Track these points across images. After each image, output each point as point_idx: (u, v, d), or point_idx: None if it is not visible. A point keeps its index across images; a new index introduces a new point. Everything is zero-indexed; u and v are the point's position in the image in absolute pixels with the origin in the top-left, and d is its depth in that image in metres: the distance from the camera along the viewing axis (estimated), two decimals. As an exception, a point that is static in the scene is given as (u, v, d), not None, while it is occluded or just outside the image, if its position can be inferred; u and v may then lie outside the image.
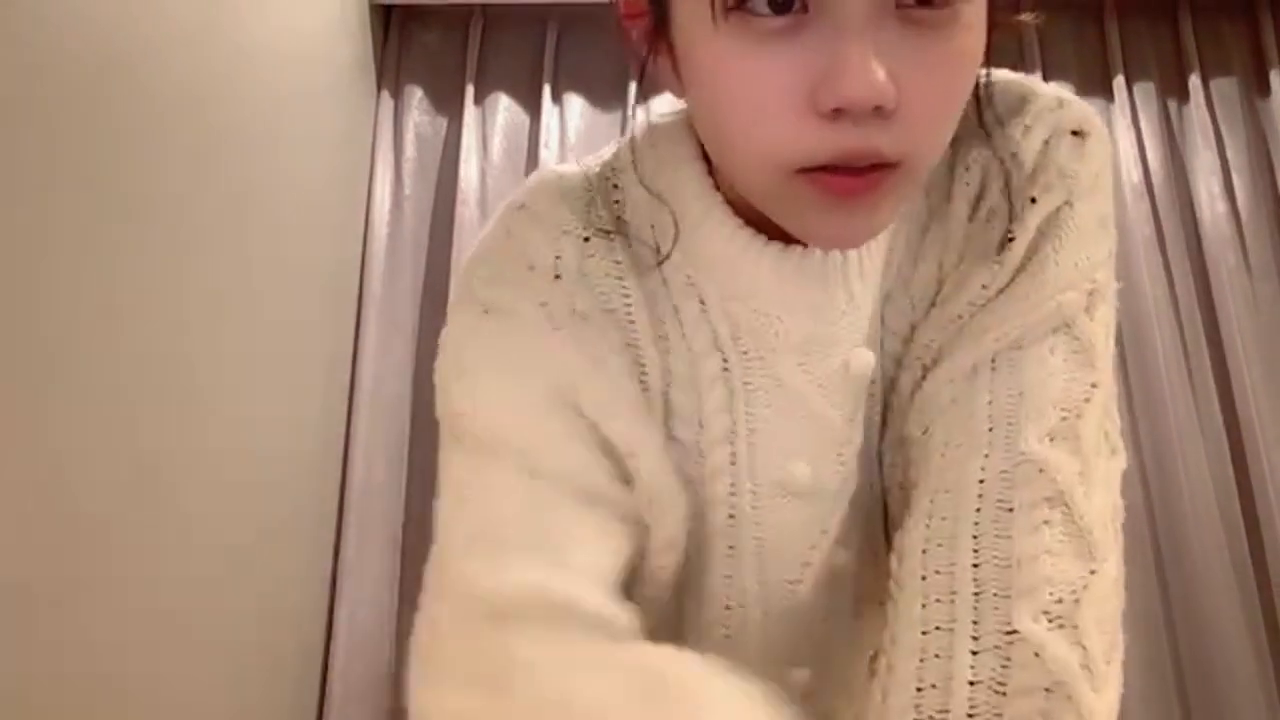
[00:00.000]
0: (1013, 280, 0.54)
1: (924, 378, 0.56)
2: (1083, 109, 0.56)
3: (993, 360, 0.53)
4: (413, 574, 1.74)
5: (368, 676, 1.66)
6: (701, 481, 0.58)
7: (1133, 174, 1.89)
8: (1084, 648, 0.44)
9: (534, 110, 1.97)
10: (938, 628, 0.47)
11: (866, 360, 0.57)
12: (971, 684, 0.44)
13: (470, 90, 1.95)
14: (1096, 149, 0.55)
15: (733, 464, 0.58)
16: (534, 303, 0.54)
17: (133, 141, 1.11)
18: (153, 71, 1.15)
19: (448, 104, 1.99)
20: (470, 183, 1.89)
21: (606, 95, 1.98)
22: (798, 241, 0.53)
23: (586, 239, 0.56)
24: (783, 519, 0.59)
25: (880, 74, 0.40)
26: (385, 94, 1.95)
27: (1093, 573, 0.47)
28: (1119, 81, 1.94)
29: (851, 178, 0.44)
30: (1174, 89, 1.97)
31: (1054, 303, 0.53)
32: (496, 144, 1.95)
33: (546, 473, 0.50)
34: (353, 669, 1.66)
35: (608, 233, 0.56)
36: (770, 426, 0.57)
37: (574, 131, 1.95)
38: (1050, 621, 0.45)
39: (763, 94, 0.43)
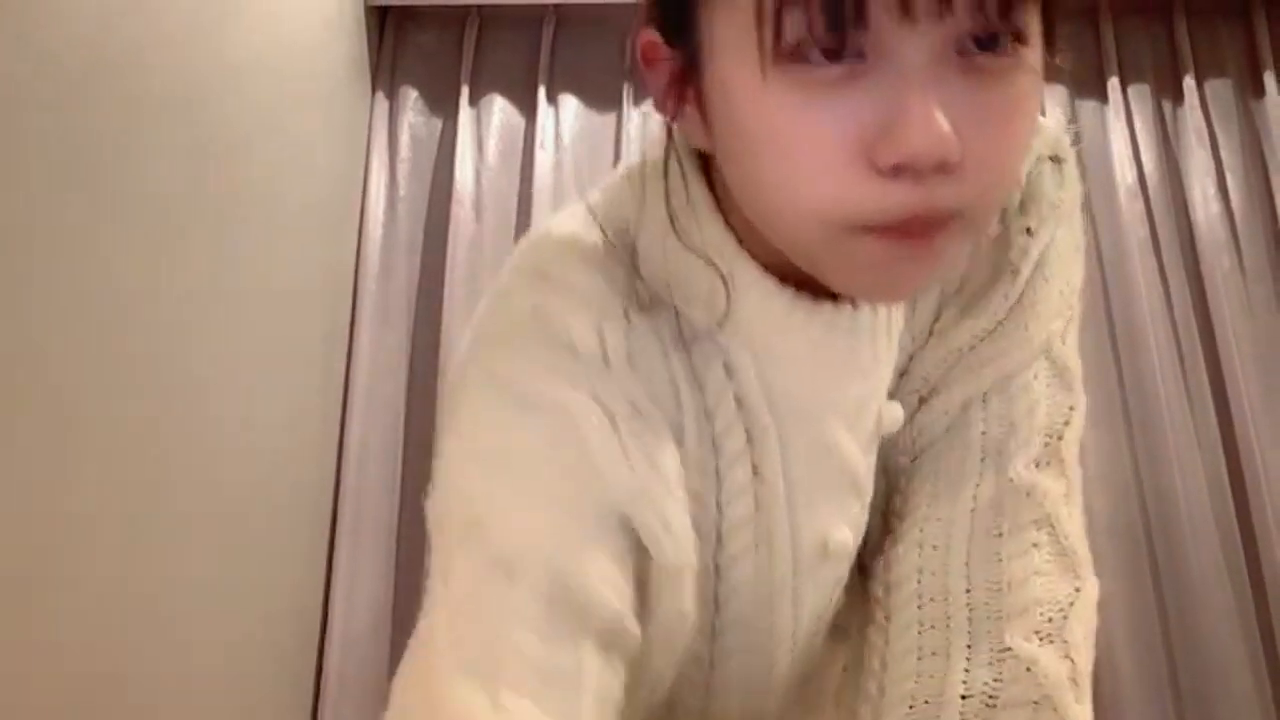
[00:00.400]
0: (1010, 312, 0.55)
1: (919, 408, 0.57)
2: (1055, 132, 0.57)
3: (985, 390, 0.55)
4: (407, 573, 1.74)
5: (362, 675, 1.67)
6: (715, 573, 0.54)
7: (1127, 176, 1.89)
8: (1073, 661, 0.46)
9: (529, 111, 1.97)
10: (934, 653, 0.48)
11: (897, 415, 0.56)
12: (963, 698, 0.46)
13: (465, 91, 1.95)
14: (1071, 173, 0.56)
15: (756, 548, 0.54)
16: (585, 396, 0.46)
17: (127, 142, 1.11)
18: (149, 72, 1.15)
19: (443, 105, 1.99)
20: (465, 184, 1.90)
21: (601, 96, 1.98)
22: (828, 294, 0.49)
23: (628, 317, 0.49)
24: (818, 586, 0.57)
25: (945, 127, 0.37)
26: (380, 95, 1.95)
27: (1077, 590, 0.49)
28: (1113, 83, 1.94)
29: (911, 237, 0.41)
30: (1168, 91, 1.97)
31: (1046, 332, 0.54)
32: (491, 145, 1.95)
33: (574, 605, 0.42)
34: (348, 667, 1.66)
35: (644, 306, 0.50)
36: (809, 496, 0.54)
37: (569, 133, 1.96)
38: (1041, 639, 0.46)
39: (816, 149, 0.39)
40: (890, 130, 0.38)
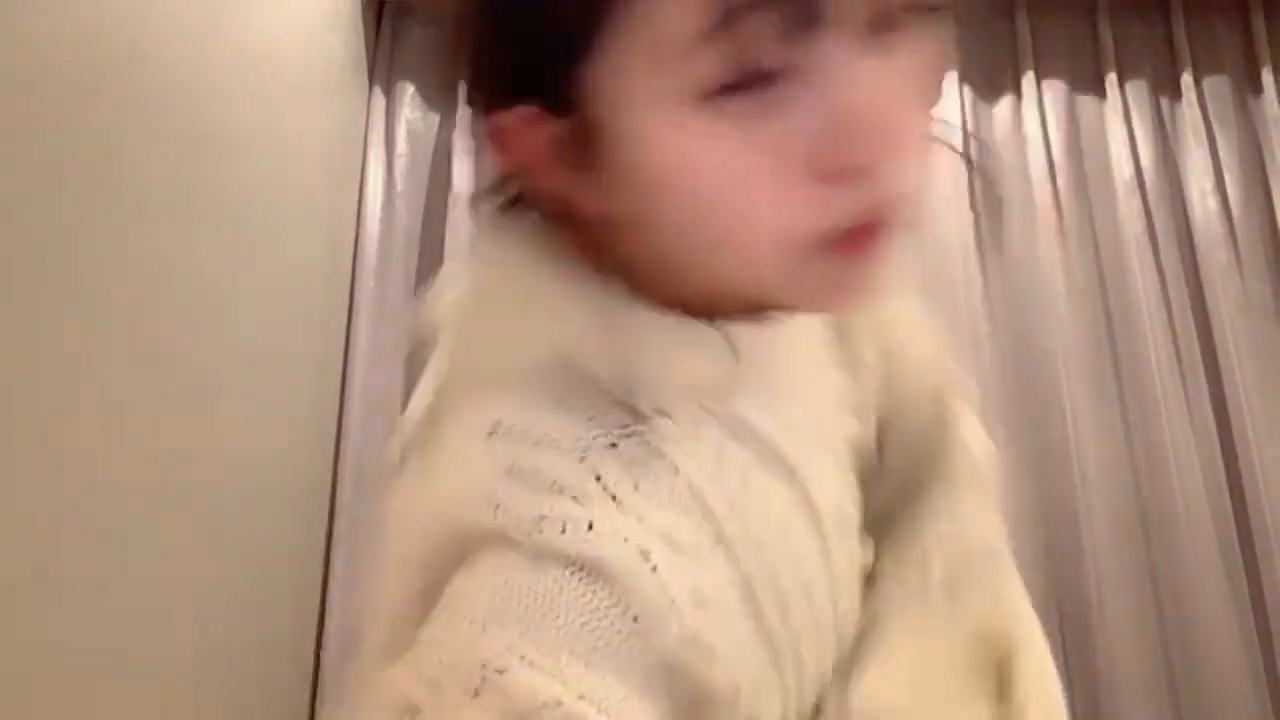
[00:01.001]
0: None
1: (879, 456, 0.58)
2: None
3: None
4: (405, 572, 1.74)
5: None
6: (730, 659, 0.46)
7: (1124, 171, 1.89)
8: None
9: (527, 107, 1.97)
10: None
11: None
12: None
13: (463, 87, 1.94)
14: None
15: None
16: (610, 541, 0.40)
17: (123, 137, 1.10)
18: (146, 69, 1.15)
19: (440, 100, 1.98)
20: (463, 180, 1.89)
21: (599, 92, 1.98)
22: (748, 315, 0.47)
23: (614, 444, 0.43)
24: (845, 559, 0.57)
25: (888, 117, 0.38)
26: (378, 90, 1.94)
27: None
28: (1111, 79, 1.95)
29: (865, 240, 0.40)
30: (1166, 87, 1.98)
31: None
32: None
33: None
34: (345, 668, 1.65)
35: (629, 431, 0.44)
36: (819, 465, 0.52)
37: (566, 128, 1.95)
38: None
39: (760, 174, 0.38)
40: (835, 134, 0.37)
